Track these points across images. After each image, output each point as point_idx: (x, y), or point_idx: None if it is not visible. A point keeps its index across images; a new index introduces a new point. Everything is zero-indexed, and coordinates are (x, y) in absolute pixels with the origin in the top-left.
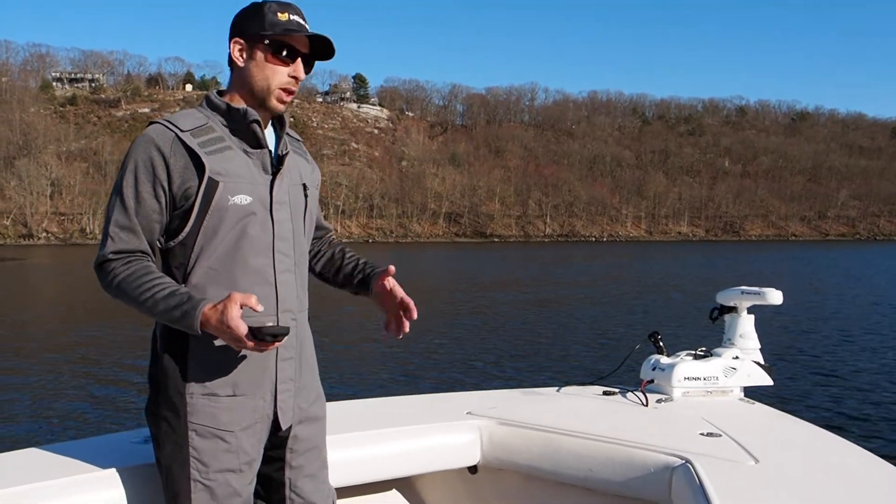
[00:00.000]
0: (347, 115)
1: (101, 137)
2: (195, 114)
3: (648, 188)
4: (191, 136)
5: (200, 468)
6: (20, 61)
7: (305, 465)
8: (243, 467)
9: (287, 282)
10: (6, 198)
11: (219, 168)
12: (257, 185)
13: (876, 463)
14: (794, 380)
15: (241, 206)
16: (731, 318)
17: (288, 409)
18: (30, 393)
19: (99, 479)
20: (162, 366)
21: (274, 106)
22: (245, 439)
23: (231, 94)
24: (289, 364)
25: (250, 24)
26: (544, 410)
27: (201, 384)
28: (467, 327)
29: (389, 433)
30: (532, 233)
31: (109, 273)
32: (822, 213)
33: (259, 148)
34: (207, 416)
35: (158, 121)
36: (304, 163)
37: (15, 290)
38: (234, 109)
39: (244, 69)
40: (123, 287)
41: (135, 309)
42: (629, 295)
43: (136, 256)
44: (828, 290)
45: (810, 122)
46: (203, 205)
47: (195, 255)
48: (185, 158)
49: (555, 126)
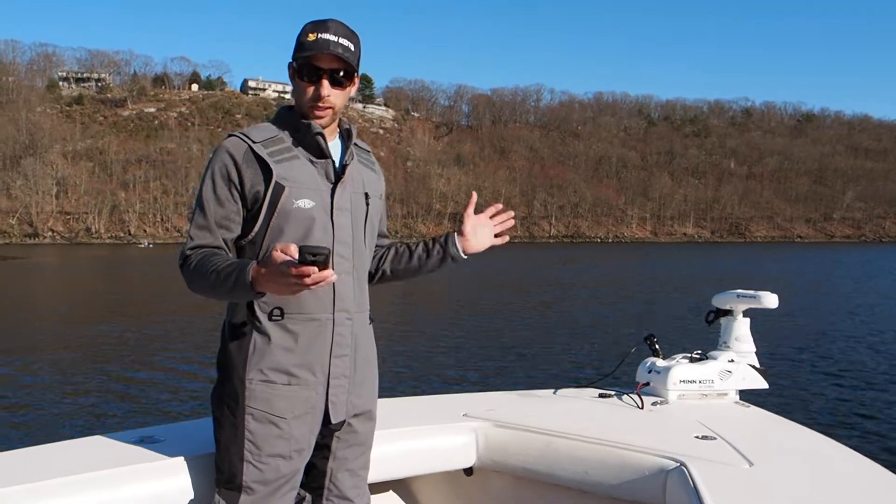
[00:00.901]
0: (353, 116)
1: (107, 137)
2: (268, 127)
3: (654, 189)
4: (262, 146)
5: (254, 451)
6: (27, 61)
7: (350, 460)
8: (293, 454)
9: (345, 283)
10: (12, 197)
11: (285, 174)
12: (320, 191)
13: (870, 466)
14: (790, 383)
15: (305, 209)
16: (726, 322)
17: (340, 403)
18: (28, 393)
19: (94, 479)
20: (227, 353)
21: (313, 120)
22: (297, 427)
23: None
24: (343, 360)
25: (296, 47)
26: (540, 413)
27: (260, 371)
28: (464, 329)
29: (385, 435)
30: (537, 234)
31: (188, 265)
32: (828, 214)
33: (323, 158)
34: (263, 402)
35: (235, 133)
36: (370, 173)
37: (20, 288)
38: (301, 124)
39: (293, 89)
40: (197, 270)
41: (209, 293)
42: (628, 297)
43: (211, 249)
44: (825, 293)
45: (816, 124)
46: (270, 207)
47: (263, 253)
48: (256, 166)
49: (560, 127)
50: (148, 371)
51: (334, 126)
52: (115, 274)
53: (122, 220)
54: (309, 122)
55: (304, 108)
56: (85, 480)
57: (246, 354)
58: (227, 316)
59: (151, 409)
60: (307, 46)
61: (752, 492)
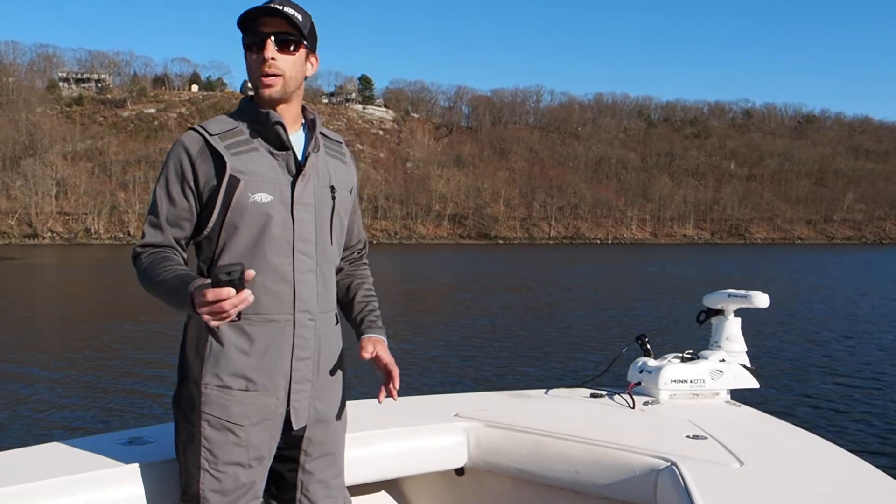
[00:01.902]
0: (353, 117)
1: (107, 137)
2: (226, 119)
3: (654, 191)
4: (219, 139)
5: (210, 458)
6: (27, 62)
7: (318, 471)
8: (252, 462)
9: (306, 282)
10: (12, 197)
11: (241, 167)
12: (280, 184)
13: (860, 465)
14: (781, 383)
15: (261, 203)
16: (717, 322)
17: (302, 409)
18: (21, 392)
19: (84, 480)
20: (185, 357)
21: (262, 95)
22: (255, 434)
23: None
24: (305, 364)
25: None
26: (531, 413)
27: (216, 376)
28: (455, 329)
29: (376, 435)
30: (537, 235)
31: (139, 264)
32: (829, 216)
33: (284, 149)
34: (219, 408)
35: (194, 127)
36: (339, 164)
37: (19, 288)
38: (258, 113)
39: (246, 70)
40: (148, 273)
41: (157, 296)
42: (621, 297)
43: (161, 249)
44: (818, 293)
45: (817, 126)
46: (225, 201)
47: (219, 250)
48: (210, 160)
49: (560, 128)
50: (140, 370)
51: (297, 116)
52: (114, 274)
53: (122, 221)
54: (268, 111)
55: (255, 82)
56: (74, 482)
57: (203, 357)
58: (186, 317)
59: (140, 411)
60: (250, 12)
61: (743, 491)
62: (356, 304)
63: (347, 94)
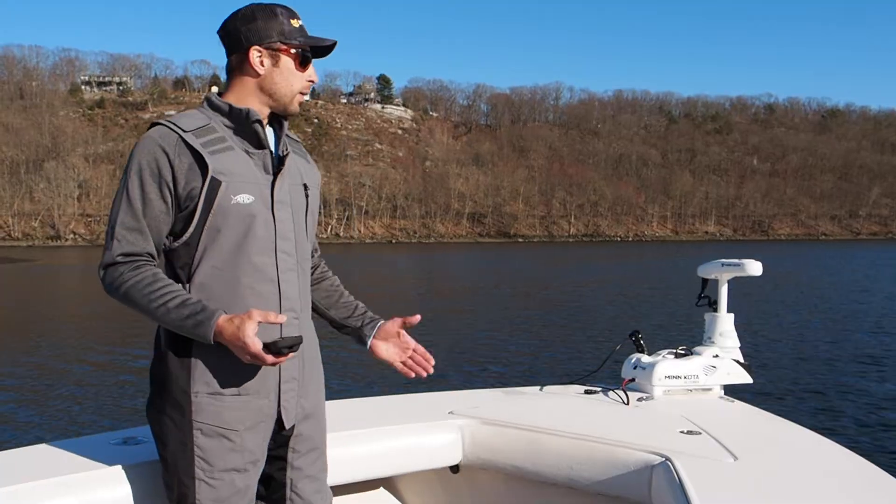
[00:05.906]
0: (371, 116)
1: (128, 140)
2: (196, 114)
3: (675, 187)
4: (193, 136)
5: (205, 467)
6: (50, 65)
7: (307, 467)
8: (248, 466)
9: (290, 280)
10: (35, 200)
11: (221, 168)
12: (259, 185)
13: (854, 460)
14: (774, 378)
15: (244, 205)
16: (710, 317)
17: (291, 407)
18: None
19: (77, 481)
20: (166, 365)
21: (294, 110)
22: (250, 438)
23: (235, 97)
24: (292, 362)
25: (267, 31)
26: (526, 410)
27: (206, 383)
28: (449, 327)
29: (371, 433)
30: (556, 233)
31: (117, 278)
32: (854, 211)
33: (261, 148)
34: (212, 415)
35: (161, 122)
36: (305, 163)
37: (38, 290)
38: (236, 110)
39: (265, 77)
40: (132, 294)
41: (142, 315)
42: (622, 296)
43: (144, 260)
44: (821, 289)
45: (841, 120)
46: (206, 204)
47: (199, 255)
48: (189, 159)
49: (580, 125)
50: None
51: (266, 115)
52: None
53: None
54: (247, 109)
55: (292, 98)
56: (68, 482)
57: (188, 365)
58: None
59: (135, 411)
60: (302, 33)
61: (737, 486)
62: (345, 304)
63: (366, 94)
